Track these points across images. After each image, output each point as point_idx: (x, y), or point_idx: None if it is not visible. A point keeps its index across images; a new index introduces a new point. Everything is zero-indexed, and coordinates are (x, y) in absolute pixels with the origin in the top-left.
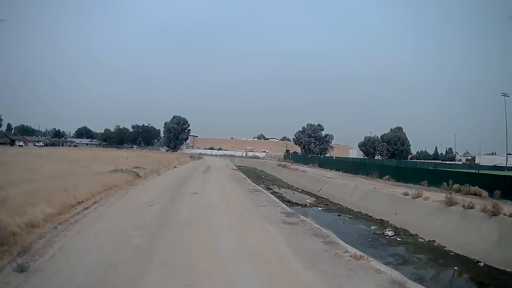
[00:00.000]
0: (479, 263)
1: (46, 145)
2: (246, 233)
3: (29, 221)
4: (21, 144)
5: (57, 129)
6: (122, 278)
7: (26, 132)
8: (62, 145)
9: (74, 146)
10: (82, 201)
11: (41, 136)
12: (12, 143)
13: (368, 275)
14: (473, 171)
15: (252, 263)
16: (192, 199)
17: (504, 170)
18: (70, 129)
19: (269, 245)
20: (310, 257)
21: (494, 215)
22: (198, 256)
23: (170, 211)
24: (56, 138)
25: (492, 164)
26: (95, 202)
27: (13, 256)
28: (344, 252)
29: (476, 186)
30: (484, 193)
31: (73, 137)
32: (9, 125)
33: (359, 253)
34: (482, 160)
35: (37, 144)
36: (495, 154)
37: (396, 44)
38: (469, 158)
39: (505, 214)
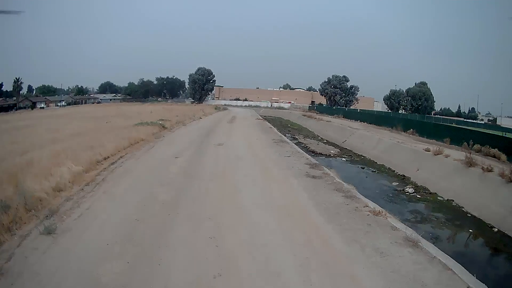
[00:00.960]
0: (493, 228)
1: (69, 104)
2: (270, 186)
3: (56, 185)
4: (42, 106)
5: (80, 86)
6: (149, 232)
7: (48, 92)
8: (85, 102)
9: (98, 102)
10: (108, 157)
11: (64, 95)
12: (33, 105)
13: (384, 231)
14: (496, 132)
15: (274, 216)
16: (217, 150)
17: None
18: (93, 85)
19: (292, 199)
20: (330, 211)
21: (511, 181)
22: (223, 209)
23: (196, 163)
24: (79, 95)
25: None
26: (121, 157)
27: (40, 219)
28: (364, 207)
29: (496, 149)
30: (503, 156)
31: (97, 93)
32: (29, 87)
33: (378, 208)
34: (503, 121)
35: (59, 104)
36: None
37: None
38: (490, 119)
39: None
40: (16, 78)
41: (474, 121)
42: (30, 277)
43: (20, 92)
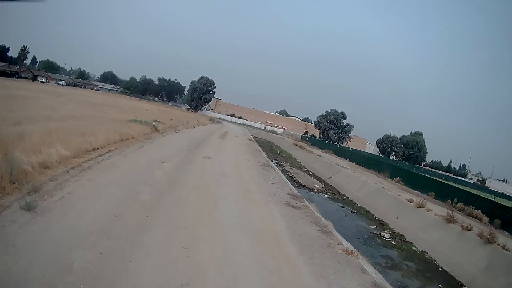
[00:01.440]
0: (463, 286)
1: (69, 84)
2: (249, 207)
3: (42, 161)
4: (43, 80)
5: (82, 70)
6: (125, 229)
7: (50, 68)
8: (85, 87)
9: (96, 90)
10: (98, 148)
11: (65, 75)
12: (34, 78)
13: (353, 273)
14: (483, 194)
15: (249, 237)
16: (204, 163)
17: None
18: (95, 71)
19: (269, 224)
20: (304, 243)
21: (489, 242)
22: (200, 221)
23: (182, 171)
24: (80, 79)
25: (501, 191)
26: (110, 151)
27: (23, 194)
28: (337, 244)
29: (479, 211)
30: (485, 218)
31: (97, 81)
32: (34, 59)
33: (351, 248)
34: (493, 184)
35: (59, 82)
36: (506, 181)
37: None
38: (480, 179)
39: (499, 245)
40: (23, 46)
41: (463, 179)
42: (4, 247)
43: (24, 61)
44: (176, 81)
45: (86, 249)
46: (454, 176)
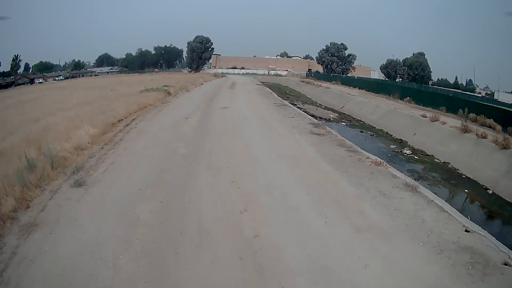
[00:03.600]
0: (487, 190)
1: (66, 78)
2: (278, 141)
3: (76, 145)
4: (40, 81)
5: (76, 60)
6: (175, 179)
7: (45, 69)
8: (83, 76)
9: (95, 75)
10: (121, 120)
11: (61, 71)
12: (31, 81)
13: (386, 178)
14: (489, 103)
15: (286, 164)
16: (223, 112)
17: None
18: (90, 58)
19: (300, 151)
20: (336, 161)
21: (504, 148)
22: (238, 160)
23: (206, 123)
24: (76, 70)
25: (510, 103)
26: (133, 119)
27: (68, 175)
28: (366, 158)
29: (491, 119)
30: (498, 127)
31: (94, 67)
32: (26, 65)
33: (379, 159)
34: (501, 97)
35: (56, 78)
36: None
37: None
38: (488, 92)
39: None
40: (14, 55)
41: (471, 93)
42: (68, 222)
43: (18, 71)
44: (172, 46)
45: (146, 202)
46: (462, 92)
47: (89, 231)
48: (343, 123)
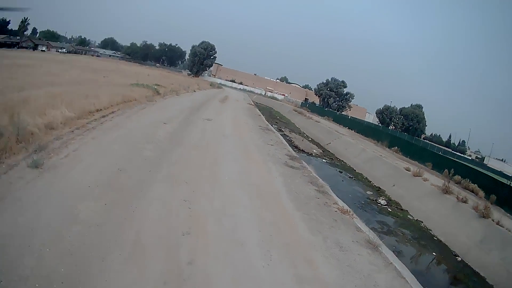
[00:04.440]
0: (456, 257)
1: (69, 52)
2: (249, 166)
3: (48, 123)
4: (43, 49)
5: (83, 37)
6: (129, 183)
7: (51, 37)
8: (85, 53)
9: (97, 56)
10: (101, 109)
11: (66, 43)
12: (35, 47)
13: (348, 229)
14: (480, 169)
15: (247, 192)
16: (205, 124)
17: (509, 180)
18: (96, 38)
19: (267, 181)
20: (301, 200)
21: (483, 217)
22: (201, 177)
23: (182, 131)
24: (81, 46)
25: (499, 170)
26: (113, 112)
27: (29, 153)
28: (333, 204)
29: (476, 185)
30: (481, 193)
31: (98, 47)
32: (34, 29)
33: (346, 207)
34: (491, 162)
35: (59, 50)
36: (505, 161)
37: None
38: (479, 156)
39: (493, 220)
40: (24, 17)
41: (462, 154)
42: (12, 201)
43: (25, 32)
44: (177, 46)
45: (91, 201)
46: (452, 151)
47: (28, 215)
48: (324, 160)
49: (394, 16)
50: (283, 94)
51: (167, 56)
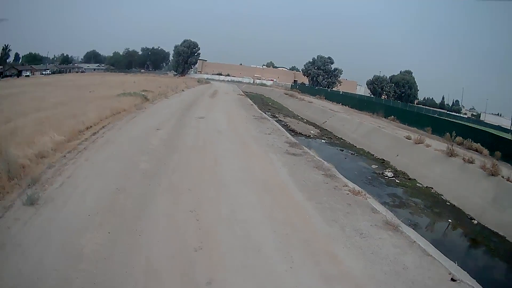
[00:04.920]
0: (473, 220)
1: (53, 72)
2: (250, 160)
3: (38, 152)
4: (28, 74)
5: (65, 55)
6: (129, 202)
7: (34, 60)
8: (70, 71)
9: (82, 72)
10: (91, 126)
11: (49, 64)
12: (19, 74)
13: (364, 212)
14: (477, 126)
15: (254, 190)
16: (198, 123)
17: (509, 133)
18: (78, 53)
19: (272, 174)
20: (310, 188)
21: (492, 175)
22: (203, 181)
23: (177, 135)
24: (64, 64)
25: (497, 124)
26: (103, 127)
27: (23, 188)
28: (343, 186)
29: (479, 144)
30: (485, 151)
31: (81, 62)
32: (16, 55)
33: (357, 188)
34: (487, 118)
35: (44, 72)
36: (501, 115)
37: None
38: (474, 114)
39: (503, 177)
40: (4, 45)
41: (457, 114)
42: (13, 248)
43: (7, 60)
44: (159, 48)
45: (93, 231)
46: (448, 112)
47: (31, 261)
48: (323, 140)
49: None
50: (271, 80)
51: (151, 61)
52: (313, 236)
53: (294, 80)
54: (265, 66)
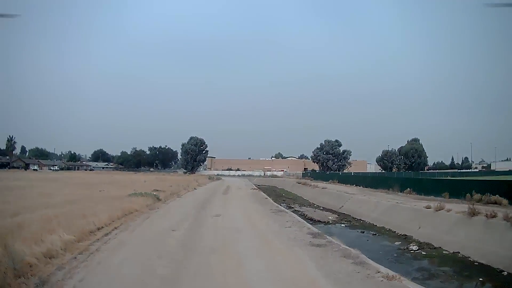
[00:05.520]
0: (502, 272)
1: (62, 169)
2: (274, 257)
3: (46, 251)
4: (35, 168)
5: (72, 152)
6: None
7: (41, 155)
8: (78, 169)
9: (90, 170)
10: (102, 227)
11: (56, 160)
12: (26, 167)
13: None
14: (492, 178)
15: None
16: (215, 222)
17: None
18: (86, 152)
19: (299, 270)
20: (342, 280)
21: None
22: (227, 284)
23: (194, 236)
24: (72, 161)
25: (508, 169)
26: (115, 228)
27: None
28: (376, 273)
29: (497, 195)
30: (505, 201)
31: (89, 161)
32: (23, 148)
33: (391, 273)
34: (498, 166)
35: (52, 168)
36: (510, 160)
37: (408, 57)
38: (484, 165)
39: None
40: (9, 136)
41: (468, 170)
42: None
43: (13, 152)
44: (167, 147)
45: None
46: (459, 171)
47: None
48: (342, 225)
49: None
50: (282, 170)
51: (159, 159)
52: None
53: (304, 168)
54: (274, 158)
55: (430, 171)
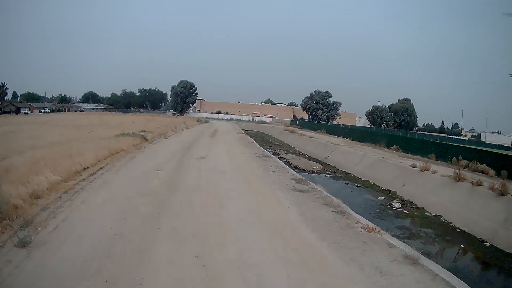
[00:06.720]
0: (485, 243)
1: (52, 111)
2: (256, 200)
3: (32, 192)
4: (26, 111)
5: (63, 95)
6: (129, 248)
7: (32, 99)
8: (68, 110)
9: (80, 111)
10: (88, 167)
11: (47, 102)
12: (17, 111)
13: (381, 248)
14: (481, 148)
15: (263, 233)
16: (200, 163)
17: (509, 150)
18: (76, 94)
19: (280, 214)
20: (322, 227)
21: (502, 194)
22: (207, 225)
23: (178, 176)
24: (63, 103)
25: (498, 143)
26: (101, 168)
27: (15, 230)
28: (356, 223)
29: (484, 164)
30: (492, 171)
31: (80, 102)
32: (14, 93)
33: (370, 224)
34: (488, 137)
35: (42, 110)
36: (501, 133)
37: (409, 9)
38: (474, 134)
39: None
40: (1, 83)
41: (457, 137)
42: None
43: (5, 97)
44: (156, 89)
45: (89, 279)
46: (448, 136)
47: None
48: (327, 175)
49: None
50: (270, 116)
51: (149, 101)
52: (332, 279)
53: (293, 115)
54: (263, 103)
55: (419, 132)
